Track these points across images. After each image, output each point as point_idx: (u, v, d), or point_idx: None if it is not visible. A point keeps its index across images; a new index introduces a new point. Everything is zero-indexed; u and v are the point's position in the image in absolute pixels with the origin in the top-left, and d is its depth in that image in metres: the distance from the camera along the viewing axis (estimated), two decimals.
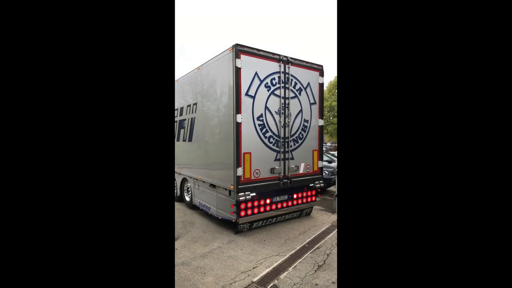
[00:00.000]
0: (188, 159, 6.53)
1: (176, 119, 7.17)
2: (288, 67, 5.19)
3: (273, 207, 5.20)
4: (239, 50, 4.52)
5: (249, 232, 5.14)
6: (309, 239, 4.72)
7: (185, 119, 6.63)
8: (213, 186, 5.42)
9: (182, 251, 4.21)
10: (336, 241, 4.62)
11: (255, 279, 3.35)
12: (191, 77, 6.29)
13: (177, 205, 7.08)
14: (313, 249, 4.32)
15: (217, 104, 5.20)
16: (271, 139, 5.02)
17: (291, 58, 5.23)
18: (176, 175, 7.24)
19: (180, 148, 6.87)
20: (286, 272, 3.52)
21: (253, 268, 3.65)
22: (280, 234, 4.99)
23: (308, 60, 5.55)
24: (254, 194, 4.74)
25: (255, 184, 4.78)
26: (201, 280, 3.33)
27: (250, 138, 4.73)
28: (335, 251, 4.24)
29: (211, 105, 5.43)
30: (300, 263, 3.79)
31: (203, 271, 3.57)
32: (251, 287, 3.19)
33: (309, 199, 5.80)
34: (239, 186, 4.58)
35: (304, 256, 4.02)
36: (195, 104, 6.08)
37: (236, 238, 4.78)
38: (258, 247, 4.37)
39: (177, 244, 4.48)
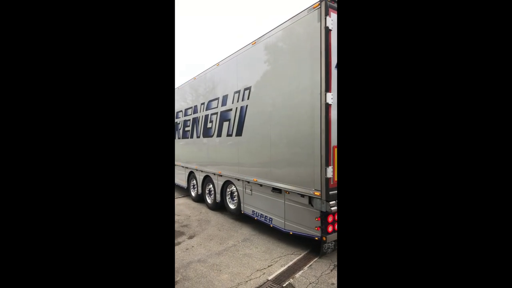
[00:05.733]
0: (234, 158, 5.18)
1: (216, 110, 5.83)
2: None
3: None
4: (330, 6, 3.31)
5: (263, 230, 4.88)
6: None
7: (230, 109, 5.29)
8: (277, 191, 4.18)
9: (198, 249, 4.18)
10: None
11: (270, 277, 3.28)
12: (238, 59, 5.05)
13: (198, 205, 6.88)
14: None
15: (291, 82, 3.86)
16: None
17: None
18: (215, 177, 6.00)
19: (222, 144, 5.62)
20: (302, 271, 3.41)
21: (268, 266, 3.58)
22: None
23: None
24: None
25: None
26: (217, 277, 3.31)
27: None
28: None
29: (280, 85, 4.06)
30: (315, 262, 3.65)
31: (218, 268, 3.54)
32: (267, 285, 3.13)
33: None
34: (330, 192, 3.34)
35: (320, 255, 3.80)
36: (248, 89, 4.79)
37: (250, 236, 4.67)
38: (273, 246, 4.25)
39: (194, 242, 4.48)
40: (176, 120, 8.41)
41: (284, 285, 3.10)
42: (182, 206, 6.90)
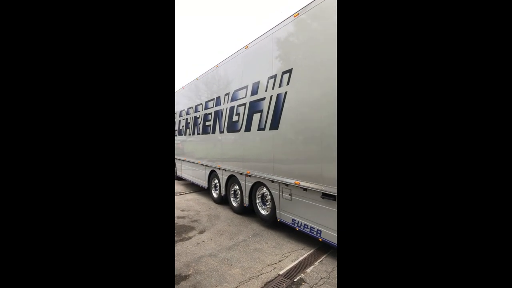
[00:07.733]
0: (268, 156, 4.46)
1: (244, 101, 5.12)
2: None
3: None
4: None
5: (272, 226, 4.94)
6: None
7: (262, 99, 4.54)
8: (330, 197, 3.39)
9: (209, 243, 4.23)
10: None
11: (281, 272, 3.30)
12: (276, 36, 4.28)
13: (207, 201, 6.61)
14: None
15: None
16: None
17: None
18: (242, 177, 5.35)
19: (252, 140, 4.90)
20: (312, 266, 3.44)
21: (279, 261, 3.61)
22: None
23: None
24: None
25: None
26: (229, 271, 3.36)
27: None
28: None
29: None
30: (326, 258, 3.69)
31: (230, 262, 3.58)
32: (278, 279, 3.14)
33: None
34: None
35: (330, 251, 3.89)
36: (288, 71, 3.96)
37: (260, 232, 4.72)
38: (283, 241, 4.30)
39: (204, 236, 4.54)
40: (195, 115, 7.73)
41: (295, 280, 3.12)
42: (192, 202, 6.97)
